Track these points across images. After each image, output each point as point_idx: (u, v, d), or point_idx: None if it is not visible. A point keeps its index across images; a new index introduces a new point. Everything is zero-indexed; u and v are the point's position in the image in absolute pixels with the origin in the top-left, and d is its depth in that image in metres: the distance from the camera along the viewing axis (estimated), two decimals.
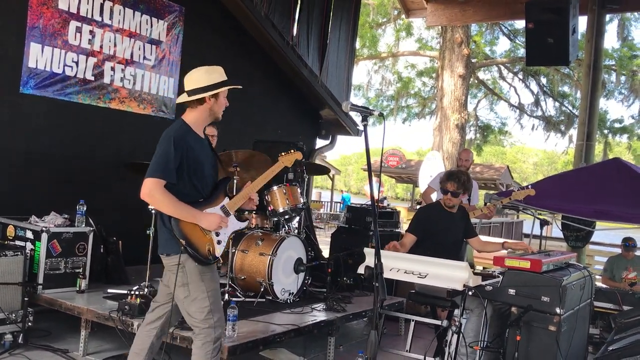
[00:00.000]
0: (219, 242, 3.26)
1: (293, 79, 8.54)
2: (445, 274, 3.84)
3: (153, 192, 3.04)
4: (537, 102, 20.89)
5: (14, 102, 5.41)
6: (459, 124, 16.92)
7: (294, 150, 4.02)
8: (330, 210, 26.02)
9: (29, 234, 4.72)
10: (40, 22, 5.54)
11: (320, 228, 18.10)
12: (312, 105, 9.35)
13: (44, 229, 4.64)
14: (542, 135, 25.00)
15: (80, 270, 4.85)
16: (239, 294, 5.06)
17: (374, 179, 22.83)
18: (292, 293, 5.19)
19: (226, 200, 3.38)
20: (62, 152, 5.82)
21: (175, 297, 3.25)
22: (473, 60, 18.92)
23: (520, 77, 20.79)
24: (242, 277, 5.08)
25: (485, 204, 6.92)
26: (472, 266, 4.75)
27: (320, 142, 10.08)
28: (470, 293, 3.90)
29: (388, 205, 12.83)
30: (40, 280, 4.61)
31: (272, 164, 4.80)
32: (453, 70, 16.93)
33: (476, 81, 21.38)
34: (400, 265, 4.00)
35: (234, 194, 4.35)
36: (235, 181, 4.96)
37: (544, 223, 5.43)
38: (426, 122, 24.65)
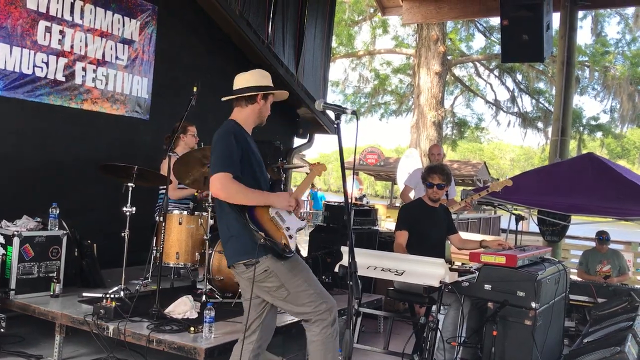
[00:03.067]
0: (290, 237, 3.17)
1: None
2: (421, 270, 3.85)
3: (226, 185, 2.99)
4: (513, 99, 21.11)
5: None
6: (436, 121, 17.01)
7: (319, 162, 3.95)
8: (311, 209, 25.97)
9: (0, 239, 4.62)
10: (8, 22, 5.43)
11: None
12: (289, 104, 9.30)
13: (15, 233, 4.55)
14: (518, 131, 25.32)
15: (54, 275, 4.76)
16: (217, 295, 5.01)
17: (353, 176, 22.77)
18: None
19: None
20: (34, 154, 5.71)
21: (274, 304, 3.25)
22: (449, 58, 19.03)
23: (496, 73, 20.99)
24: (220, 278, 5.03)
25: (462, 199, 6.96)
26: (450, 262, 4.78)
27: (298, 141, 10.06)
28: (447, 289, 3.92)
29: (367, 203, 12.85)
30: (13, 285, 4.53)
31: None
32: (429, 67, 17.01)
33: (452, 78, 21.53)
34: (377, 263, 4.01)
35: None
36: None
37: (519, 218, 5.48)
38: (403, 119, 24.84)
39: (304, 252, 6.72)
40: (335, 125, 2.71)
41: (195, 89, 4.81)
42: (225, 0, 7.45)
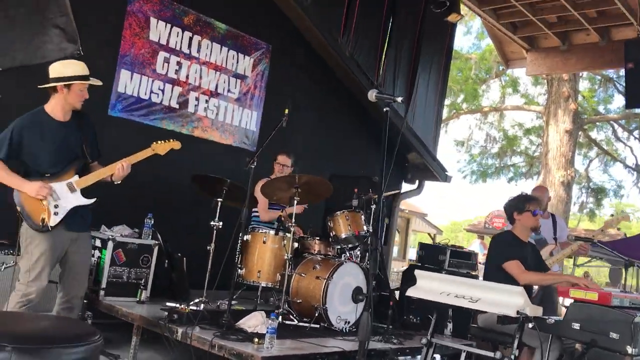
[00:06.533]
0: (55, 214, 3.73)
1: (377, 118, 8.52)
2: (498, 299, 3.52)
3: None
4: None
5: (102, 123, 5.77)
6: (565, 181, 15.94)
7: (172, 140, 4.43)
8: None
9: (97, 242, 4.94)
10: (132, 51, 5.98)
11: None
12: (398, 148, 9.24)
13: (110, 237, 4.86)
14: None
15: (142, 282, 4.98)
16: (292, 317, 4.94)
17: (478, 240, 21.80)
18: (349, 322, 4.98)
19: (75, 178, 3.87)
20: (142, 170, 6.02)
21: None
22: (583, 117, 17.98)
23: (637, 135, 19.41)
24: (298, 301, 4.98)
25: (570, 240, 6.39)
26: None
27: (406, 187, 9.89)
28: (529, 326, 3.55)
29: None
30: (103, 286, 4.79)
31: (331, 191, 4.84)
32: (559, 124, 16.12)
33: (587, 140, 20.22)
34: (451, 289, 3.74)
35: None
36: (296, 201, 4.96)
37: (629, 265, 4.86)
38: (534, 182, 23.54)
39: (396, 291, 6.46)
40: (385, 112, 2.62)
41: (286, 110, 4.96)
42: (336, 41, 7.68)
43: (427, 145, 9.33)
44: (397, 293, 6.34)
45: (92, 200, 3.98)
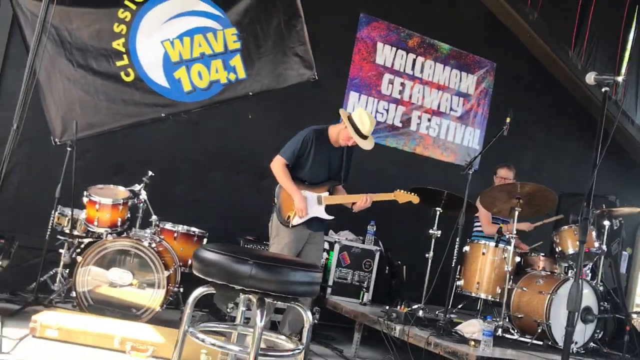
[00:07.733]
0: (300, 217, 4.35)
1: (615, 136, 7.82)
2: None
3: (275, 165, 4.39)
4: None
5: None
6: None
7: (414, 194, 4.67)
8: None
9: (325, 245, 5.35)
10: (360, 74, 6.46)
11: None
12: None
13: (337, 240, 5.25)
14: None
15: (365, 284, 5.26)
16: (513, 332, 4.76)
17: None
18: (577, 343, 4.63)
19: (325, 194, 4.48)
20: (366, 182, 6.37)
21: None
22: None
23: None
24: (519, 316, 4.78)
25: None
26: None
27: None
28: None
29: None
30: (330, 284, 5.18)
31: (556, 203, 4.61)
32: None
33: None
34: None
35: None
36: (517, 212, 4.82)
37: None
38: None
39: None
40: (603, 92, 2.49)
41: (508, 119, 4.90)
42: (567, 55, 7.34)
43: None
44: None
45: (331, 218, 4.55)
